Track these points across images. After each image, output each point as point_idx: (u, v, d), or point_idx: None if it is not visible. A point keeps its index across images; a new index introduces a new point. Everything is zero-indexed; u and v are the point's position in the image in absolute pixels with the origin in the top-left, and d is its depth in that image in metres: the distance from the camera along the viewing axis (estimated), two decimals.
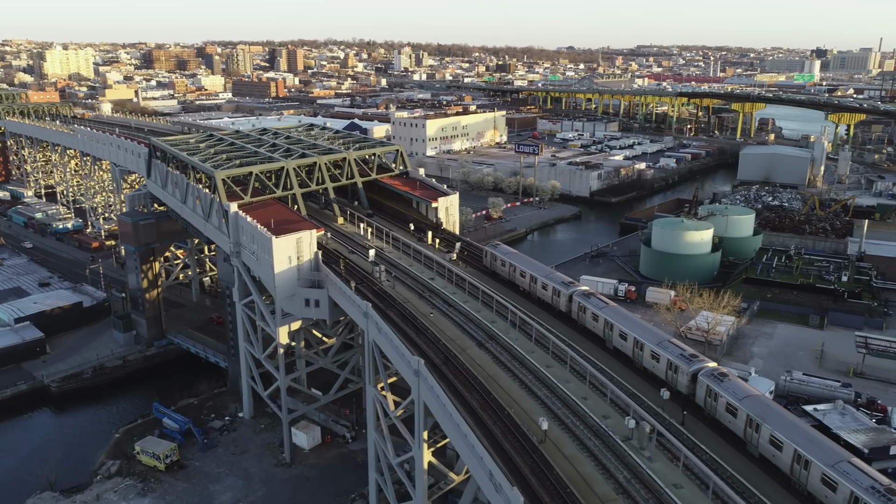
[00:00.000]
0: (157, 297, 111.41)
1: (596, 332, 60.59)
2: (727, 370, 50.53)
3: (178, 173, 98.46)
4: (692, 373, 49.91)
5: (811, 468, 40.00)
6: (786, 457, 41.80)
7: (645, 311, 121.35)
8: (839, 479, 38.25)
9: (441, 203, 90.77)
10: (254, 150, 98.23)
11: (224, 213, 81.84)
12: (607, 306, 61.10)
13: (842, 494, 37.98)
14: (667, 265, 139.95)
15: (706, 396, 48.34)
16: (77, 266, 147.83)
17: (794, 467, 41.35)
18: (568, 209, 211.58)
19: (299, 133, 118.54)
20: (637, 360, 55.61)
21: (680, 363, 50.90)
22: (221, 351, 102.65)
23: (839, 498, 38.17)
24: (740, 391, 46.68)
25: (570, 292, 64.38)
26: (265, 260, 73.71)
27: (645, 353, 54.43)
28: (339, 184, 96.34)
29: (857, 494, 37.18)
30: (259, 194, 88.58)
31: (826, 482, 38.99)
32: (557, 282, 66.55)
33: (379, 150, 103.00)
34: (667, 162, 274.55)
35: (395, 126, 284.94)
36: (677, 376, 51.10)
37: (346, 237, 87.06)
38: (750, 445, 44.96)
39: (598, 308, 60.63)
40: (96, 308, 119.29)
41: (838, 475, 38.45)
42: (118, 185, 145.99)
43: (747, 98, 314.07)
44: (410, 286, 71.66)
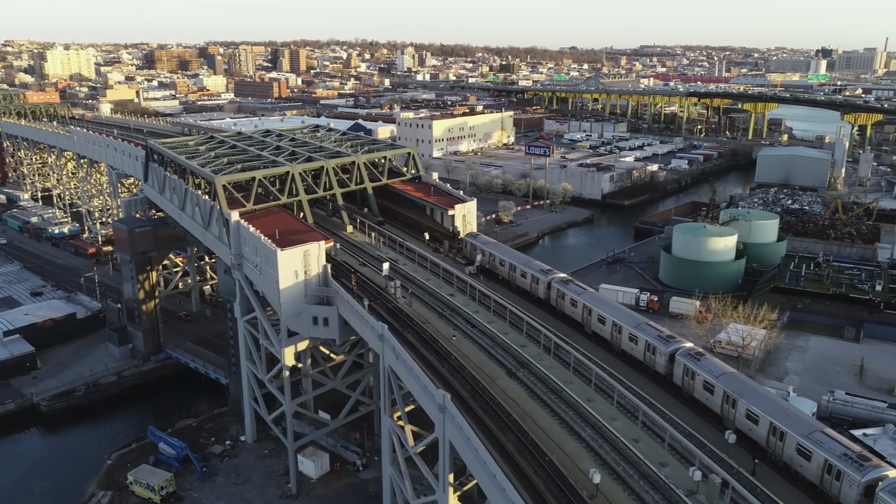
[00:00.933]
0: (154, 309, 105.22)
1: (574, 318, 61.75)
2: (702, 349, 51.90)
3: (176, 178, 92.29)
4: (669, 353, 51.05)
5: (786, 439, 41.24)
6: (762, 430, 43.12)
7: (670, 323, 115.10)
8: (813, 447, 39.42)
9: (458, 210, 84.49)
10: (257, 154, 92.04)
11: (225, 221, 75.63)
12: (585, 292, 62.33)
13: (816, 462, 39.18)
14: (688, 273, 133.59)
15: (683, 375, 49.56)
16: (72, 273, 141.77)
17: (770, 439, 42.73)
18: (580, 212, 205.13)
19: (304, 135, 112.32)
20: (615, 342, 56.71)
21: (658, 344, 52.07)
22: (222, 367, 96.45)
23: (814, 466, 39.34)
24: (716, 369, 48.09)
25: (548, 279, 65.57)
26: (269, 274, 67.49)
27: (623, 335, 55.60)
28: (348, 189, 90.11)
29: (830, 462, 38.33)
30: (262, 201, 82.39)
31: (801, 452, 40.22)
32: (536, 269, 67.83)
33: (390, 153, 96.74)
34: (678, 163, 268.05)
35: (400, 127, 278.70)
36: (655, 357, 52.24)
37: (356, 248, 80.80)
38: (727, 420, 46.20)
39: (577, 294, 61.90)
40: (91, 319, 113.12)
41: (812, 444, 39.59)
42: (115, 189, 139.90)
43: (760, 98, 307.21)
44: (428, 303, 65.38)
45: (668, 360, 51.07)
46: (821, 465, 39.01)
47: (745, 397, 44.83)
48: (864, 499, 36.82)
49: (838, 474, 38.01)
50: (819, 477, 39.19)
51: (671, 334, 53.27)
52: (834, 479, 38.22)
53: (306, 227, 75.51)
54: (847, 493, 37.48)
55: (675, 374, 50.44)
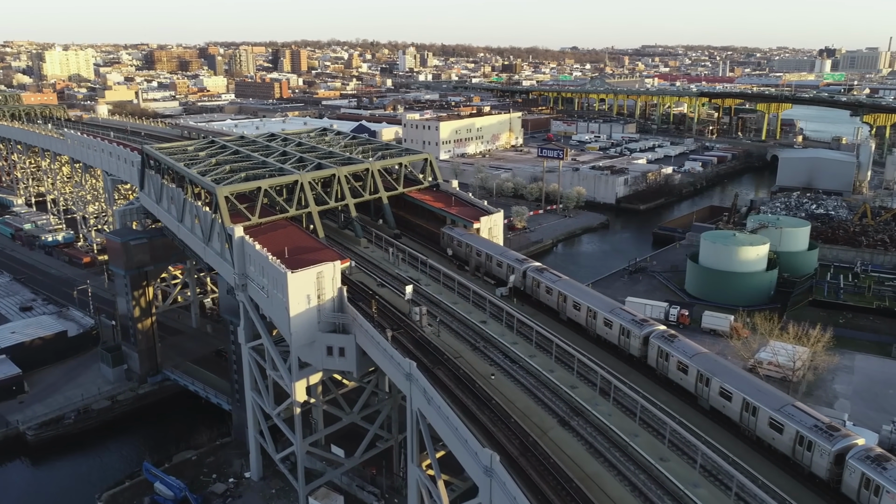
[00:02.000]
0: (150, 327, 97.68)
1: (550, 305, 62.47)
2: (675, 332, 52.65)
3: (173, 187, 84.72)
4: (644, 336, 52.15)
5: (759, 414, 42.51)
6: (735, 406, 44.42)
7: (703, 339, 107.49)
8: (785, 420, 40.73)
9: (483, 223, 76.95)
10: (261, 160, 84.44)
11: (227, 237, 68.08)
12: (560, 279, 62.85)
13: (788, 435, 40.55)
14: (717, 284, 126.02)
15: (658, 357, 50.84)
16: (65, 284, 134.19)
17: (743, 415, 43.99)
18: (595, 217, 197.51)
19: (312, 139, 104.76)
20: (591, 328, 57.70)
21: (632, 328, 53.16)
22: (224, 391, 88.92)
23: (786, 438, 40.68)
24: (690, 349, 49.47)
25: (523, 268, 65.93)
26: (278, 298, 59.93)
27: (598, 320, 56.67)
28: (362, 199, 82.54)
29: (802, 433, 39.71)
30: (268, 213, 74.85)
31: (773, 425, 41.48)
32: (511, 259, 68.09)
33: (405, 160, 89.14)
34: (692, 165, 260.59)
35: (406, 128, 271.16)
36: (630, 340, 53.32)
37: (371, 265, 73.23)
38: (701, 399, 47.45)
39: (552, 282, 62.54)
40: (83, 337, 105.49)
41: (784, 417, 40.94)
42: (110, 195, 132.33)
43: (775, 98, 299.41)
44: (459, 333, 57.77)
45: (643, 342, 52.16)
46: (793, 437, 40.24)
47: (717, 376, 46.26)
48: (834, 467, 38.12)
49: (809, 445, 39.45)
50: (791, 449, 40.58)
51: (644, 318, 54.35)
52: (805, 450, 39.68)
53: (318, 243, 67.93)
54: (818, 463, 38.91)
55: (649, 355, 51.71)
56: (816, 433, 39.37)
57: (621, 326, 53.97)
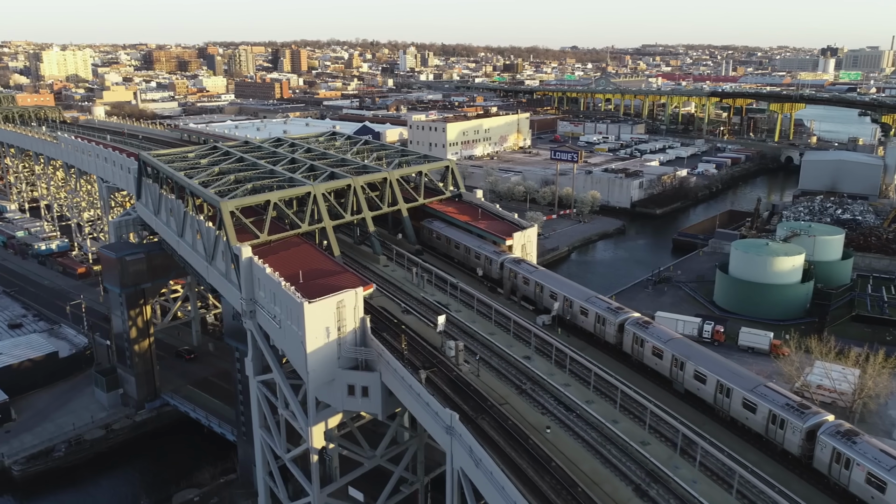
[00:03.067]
0: (148, 349, 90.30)
1: (527, 295, 62.42)
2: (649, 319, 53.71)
3: (173, 198, 77.41)
4: (619, 323, 52.54)
5: (733, 395, 43.27)
6: (709, 388, 45.09)
7: (740, 357, 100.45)
8: (758, 400, 41.52)
9: (517, 239, 69.62)
10: (269, 169, 77.06)
11: (233, 257, 60.73)
12: (537, 270, 63.15)
13: (761, 414, 41.25)
14: (750, 296, 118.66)
15: (633, 343, 51.31)
16: (59, 297, 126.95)
17: (717, 397, 44.70)
18: (611, 223, 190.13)
19: (321, 144, 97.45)
20: (566, 316, 57.82)
21: (607, 315, 53.67)
22: (229, 419, 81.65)
23: (759, 417, 41.41)
24: (664, 335, 50.02)
25: (500, 260, 65.78)
26: (292, 331, 52.58)
27: (574, 308, 56.80)
28: (380, 212, 75.18)
29: (774, 412, 40.44)
30: (278, 229, 67.53)
31: (747, 405, 42.27)
32: (489, 251, 67.86)
33: (426, 167, 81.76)
34: (706, 167, 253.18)
35: (412, 130, 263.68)
36: (605, 328, 53.76)
37: (393, 286, 65.84)
38: (676, 383, 48.05)
39: (529, 272, 62.68)
40: (76, 358, 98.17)
41: (757, 397, 41.71)
42: (105, 203, 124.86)
43: (789, 98, 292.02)
44: (501, 371, 50.39)
45: (618, 329, 52.60)
46: (766, 416, 41.11)
47: (692, 359, 46.85)
48: (805, 443, 38.90)
49: (782, 423, 40.14)
50: (764, 427, 41.29)
51: (619, 306, 55.00)
52: (778, 428, 40.38)
53: (336, 265, 60.57)
54: (790, 440, 39.72)
55: (624, 342, 52.25)
56: (788, 411, 40.24)
57: (597, 314, 54.52)
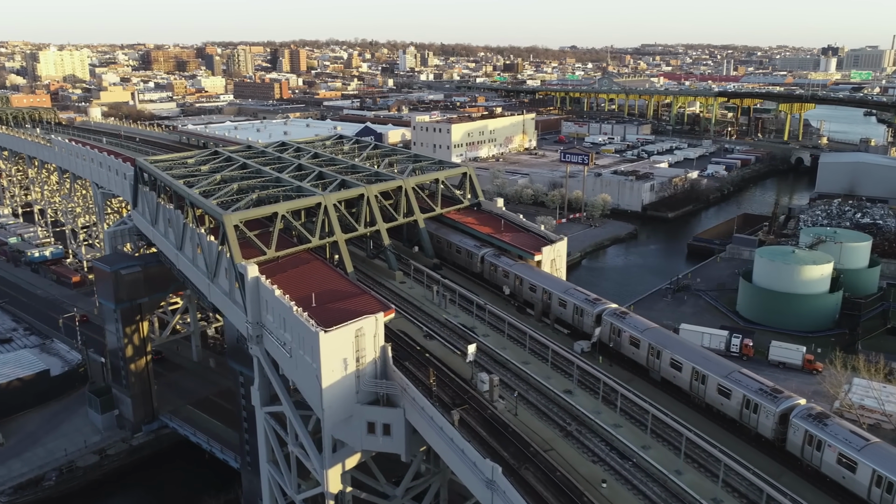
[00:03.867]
0: (145, 368, 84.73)
1: (507, 286, 62.73)
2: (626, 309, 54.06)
3: (171, 208, 71.90)
4: (597, 314, 53.08)
5: (708, 381, 44.37)
6: (685, 375, 46.11)
7: (772, 373, 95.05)
8: (732, 386, 42.77)
9: (545, 255, 64.13)
10: (274, 177, 71.50)
11: (238, 276, 55.23)
12: (516, 263, 63.26)
13: (735, 399, 42.47)
14: (776, 307, 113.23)
15: (611, 333, 51.76)
16: (52, 308, 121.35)
17: (692, 384, 45.83)
18: (622, 227, 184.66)
19: (328, 149, 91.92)
20: (546, 308, 58.44)
21: (585, 306, 54.18)
22: (233, 445, 76.09)
23: (733, 402, 42.57)
24: (641, 325, 50.61)
25: (481, 254, 66.10)
26: (304, 362, 47.10)
27: (553, 300, 57.36)
28: (395, 223, 69.76)
29: (748, 397, 41.73)
30: (286, 243, 62.08)
31: (721, 391, 43.50)
32: (470, 245, 68.44)
33: (442, 174, 76.26)
34: (716, 169, 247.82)
35: (415, 131, 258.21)
36: (583, 318, 54.38)
37: (412, 306, 60.36)
38: (652, 371, 48.66)
39: (508, 266, 63.06)
40: (69, 376, 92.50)
41: (731, 383, 42.95)
42: (100, 210, 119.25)
43: (799, 98, 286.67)
44: (541, 409, 44.90)
45: (595, 320, 53.05)
46: (740, 401, 41.97)
47: (668, 348, 47.54)
48: (779, 427, 39.75)
49: (755, 407, 40.93)
50: (739, 412, 42.07)
51: (597, 297, 55.46)
52: (752, 413, 41.18)
53: (351, 285, 54.99)
54: (764, 423, 40.51)
55: (602, 333, 52.65)
56: (762, 396, 41.23)
57: (575, 306, 55.15)
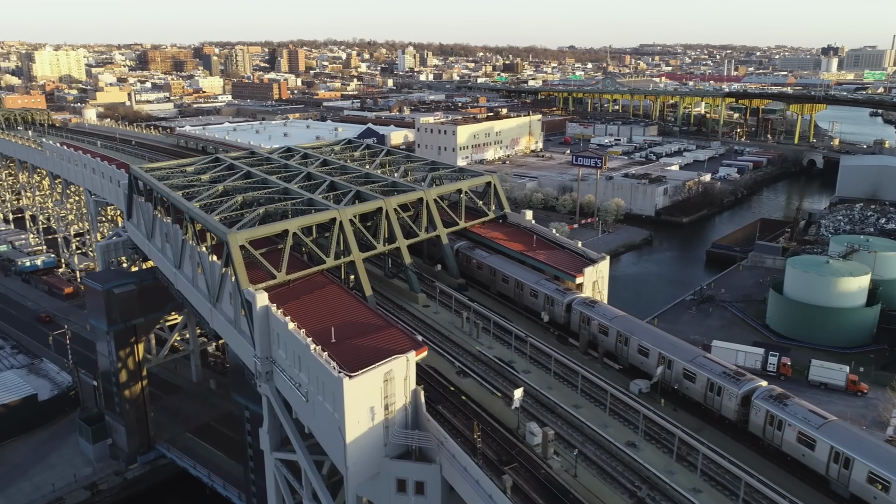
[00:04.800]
0: (140, 393, 78.05)
1: (481, 280, 63.16)
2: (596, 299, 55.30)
3: (169, 222, 65.34)
4: (567, 303, 53.98)
5: (674, 366, 45.52)
6: (652, 360, 47.09)
7: (813, 395, 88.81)
8: (697, 370, 44.07)
9: (588, 276, 57.60)
10: (282, 187, 64.86)
11: (244, 303, 48.66)
12: (490, 255, 63.48)
13: (700, 382, 43.82)
14: (810, 321, 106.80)
15: (580, 321, 52.82)
16: (42, 322, 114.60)
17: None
18: (637, 232, 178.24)
19: (337, 156, 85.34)
20: (518, 298, 59.02)
21: (555, 296, 55.11)
22: (236, 481, 69.49)
23: (698, 385, 43.92)
24: (609, 313, 51.93)
25: (456, 246, 65.97)
26: (324, 410, 40.56)
27: (525, 291, 58.06)
28: (416, 239, 63.21)
29: (712, 380, 43.02)
30: (296, 263, 55.51)
31: (687, 375, 44.65)
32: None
33: (466, 184, 69.73)
34: (728, 172, 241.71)
35: (419, 133, 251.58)
36: (553, 308, 55.18)
37: (440, 335, 53.80)
38: (621, 358, 50.20)
39: (483, 258, 63.29)
40: (58, 400, 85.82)
41: (696, 367, 44.27)
42: (93, 219, 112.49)
43: (812, 99, 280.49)
44: (603, 467, 38.29)
45: (566, 309, 53.85)
46: (704, 385, 43.47)
47: (636, 334, 48.60)
48: (741, 408, 41.29)
49: (719, 390, 42.50)
50: (703, 395, 43.56)
51: (567, 287, 56.24)
52: (716, 395, 42.77)
53: (374, 314, 48.28)
54: (727, 405, 42.02)
55: (572, 321, 53.52)
56: (725, 379, 42.47)
57: (546, 296, 55.78)
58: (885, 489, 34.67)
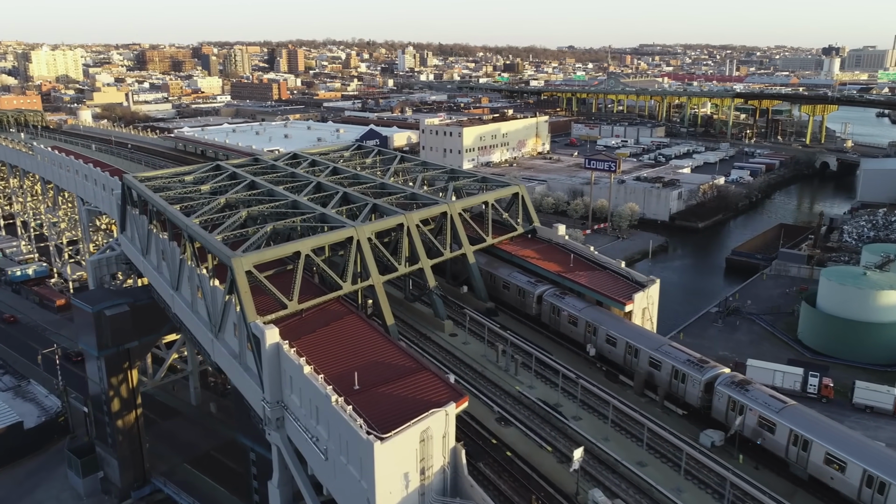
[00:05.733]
0: (134, 423, 71.48)
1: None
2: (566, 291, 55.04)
3: (165, 238, 58.98)
4: (538, 294, 55.05)
5: (640, 354, 46.53)
6: (619, 350, 48.09)
7: (858, 419, 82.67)
8: (662, 358, 45.22)
9: (638, 302, 51.26)
10: (291, 200, 58.45)
11: (252, 337, 42.29)
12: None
13: (665, 370, 44.85)
14: (847, 337, 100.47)
15: (550, 312, 54.08)
16: (33, 336, 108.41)
17: (626, 357, 47.62)
18: (653, 239, 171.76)
19: (347, 163, 79.02)
20: (492, 290, 59.02)
21: (527, 287, 56.09)
22: None
23: (664, 373, 44.95)
24: (579, 304, 52.78)
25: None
26: (348, 475, 34.15)
27: (497, 283, 58.77)
28: (441, 259, 56.87)
29: (676, 367, 44.12)
30: (308, 288, 49.17)
31: (653, 363, 45.70)
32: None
33: (492, 196, 63.42)
34: (740, 174, 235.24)
35: (424, 135, 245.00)
36: (524, 299, 56.27)
37: (472, 371, 47.43)
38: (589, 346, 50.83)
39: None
40: (46, 427, 79.23)
41: (661, 355, 45.47)
42: (85, 229, 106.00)
43: (824, 99, 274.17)
44: None
45: (537, 301, 54.91)
46: (669, 372, 44.51)
47: (603, 325, 49.61)
48: (704, 394, 42.37)
49: (683, 377, 43.54)
50: (668, 382, 44.51)
51: (539, 280, 56.65)
52: (680, 382, 43.79)
53: (403, 353, 41.82)
54: (691, 392, 43.05)
55: (542, 312, 54.67)
56: (688, 366, 43.73)
57: (518, 288, 56.72)
58: (841, 469, 35.90)
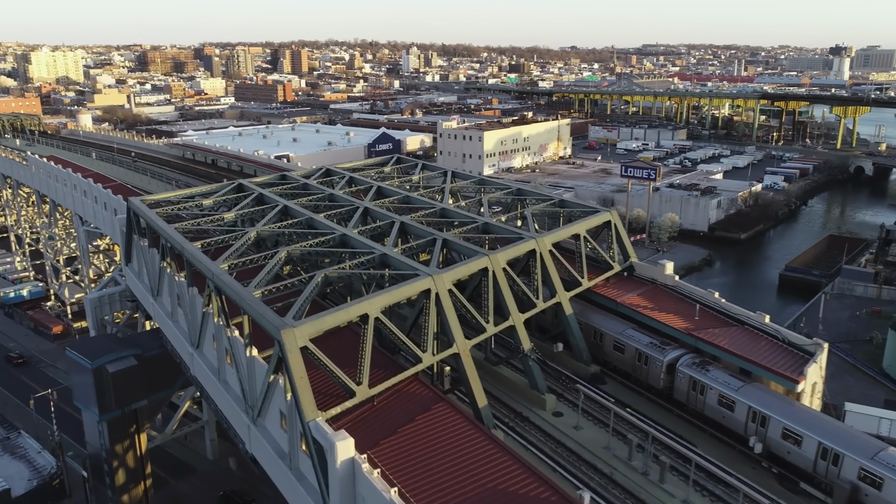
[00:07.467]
0: (143, 496, 59.55)
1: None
2: None
3: (182, 281, 47.02)
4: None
5: (605, 339, 48.33)
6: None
7: None
8: (626, 341, 46.75)
9: (810, 377, 39.37)
10: (339, 236, 46.22)
11: (313, 442, 30.31)
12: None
13: (629, 353, 46.44)
14: None
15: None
16: (27, 371, 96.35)
17: (592, 341, 48.84)
18: (694, 252, 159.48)
19: (392, 182, 67.06)
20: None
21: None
22: None
23: (627, 356, 46.66)
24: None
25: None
26: None
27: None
28: (534, 311, 44.90)
29: (640, 350, 45.56)
30: (378, 363, 37.10)
31: (617, 347, 47.48)
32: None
33: (582, 226, 51.43)
34: (774, 180, 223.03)
35: (441, 139, 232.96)
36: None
37: (594, 471, 35.41)
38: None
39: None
40: (38, 493, 67.17)
41: (625, 339, 46.91)
42: (84, 253, 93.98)
43: (858, 101, 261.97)
44: None
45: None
46: (633, 355, 46.05)
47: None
48: (666, 376, 43.63)
49: (646, 359, 45.02)
50: (632, 365, 46.09)
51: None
52: (643, 364, 45.28)
53: (517, 462, 29.72)
54: (654, 373, 44.47)
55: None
56: (651, 348, 45.10)
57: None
58: (797, 443, 37.16)
